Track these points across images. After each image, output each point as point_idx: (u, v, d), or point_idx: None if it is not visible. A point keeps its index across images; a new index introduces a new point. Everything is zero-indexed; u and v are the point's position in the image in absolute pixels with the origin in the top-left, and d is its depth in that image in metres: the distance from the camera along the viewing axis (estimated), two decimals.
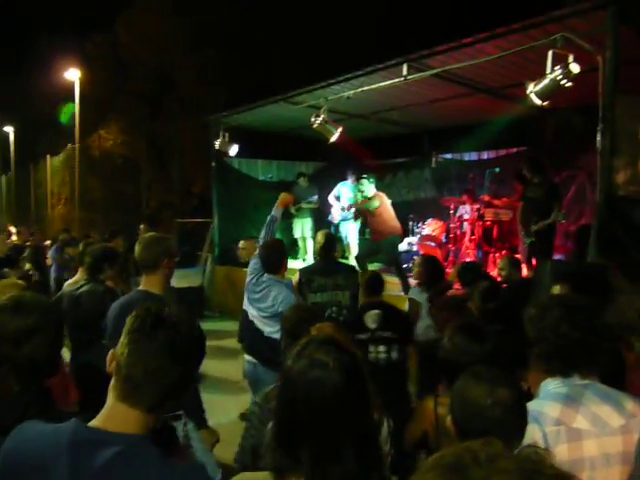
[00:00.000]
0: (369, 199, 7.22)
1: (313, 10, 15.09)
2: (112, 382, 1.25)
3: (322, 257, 4.62)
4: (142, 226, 8.87)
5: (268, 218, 4.10)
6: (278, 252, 3.88)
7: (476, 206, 7.70)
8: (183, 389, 1.28)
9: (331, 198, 8.89)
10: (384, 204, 7.17)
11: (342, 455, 1.27)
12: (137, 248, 2.80)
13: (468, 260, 7.13)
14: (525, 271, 6.04)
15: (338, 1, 15.24)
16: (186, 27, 17.46)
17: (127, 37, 18.85)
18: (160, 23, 17.80)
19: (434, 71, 5.82)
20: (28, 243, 8.83)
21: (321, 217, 10.00)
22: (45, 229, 19.17)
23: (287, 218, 9.87)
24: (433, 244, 8.16)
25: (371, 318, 3.69)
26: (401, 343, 3.72)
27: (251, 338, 3.88)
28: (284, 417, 1.36)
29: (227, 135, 8.92)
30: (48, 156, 23.62)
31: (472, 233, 7.64)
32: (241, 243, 6.01)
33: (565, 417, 1.69)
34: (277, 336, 3.30)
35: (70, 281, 4.35)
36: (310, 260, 9.30)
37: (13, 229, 19.14)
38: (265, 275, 3.79)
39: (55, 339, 1.58)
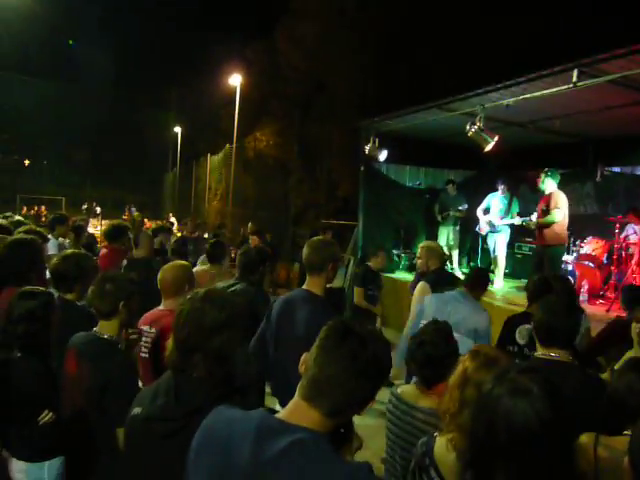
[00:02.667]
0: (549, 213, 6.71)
1: (472, 11, 14.56)
2: (301, 382, 1.34)
3: (439, 267, 4.60)
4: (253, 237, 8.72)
5: None
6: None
7: None
8: (363, 401, 1.32)
9: (479, 212, 8.55)
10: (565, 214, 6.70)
11: None
12: (305, 251, 2.92)
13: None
14: None
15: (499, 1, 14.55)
16: (341, 32, 17.91)
17: (284, 43, 19.84)
18: (314, 28, 18.46)
19: (611, 77, 5.32)
20: (195, 235, 9.53)
21: (467, 226, 9.70)
22: (204, 221, 20.85)
23: (432, 226, 9.74)
24: (592, 264, 7.50)
25: (521, 333, 3.43)
26: None
27: None
28: (480, 440, 1.36)
29: (377, 140, 9.00)
30: (208, 154, 25.75)
31: None
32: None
33: None
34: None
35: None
36: (455, 268, 9.16)
37: (174, 219, 21.15)
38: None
39: (243, 335, 1.70)
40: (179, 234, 12.05)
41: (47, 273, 3.58)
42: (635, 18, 10.33)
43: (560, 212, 6.64)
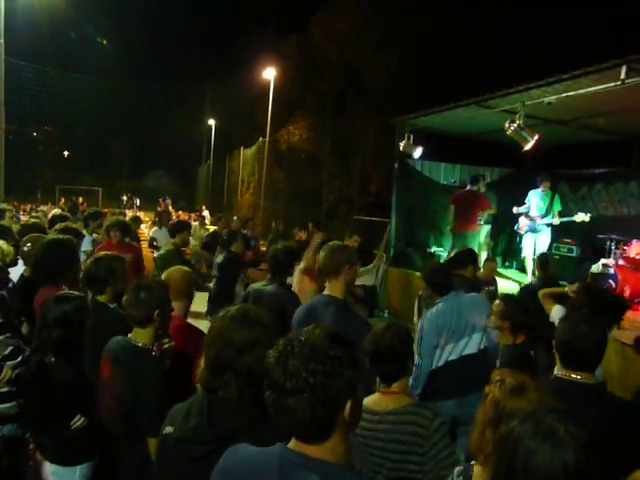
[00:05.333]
0: None
1: (513, 5, 14.17)
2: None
3: None
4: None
5: None
6: None
7: None
8: (341, 399, 1.22)
9: (521, 210, 8.29)
10: None
11: None
12: (321, 255, 2.96)
13: None
14: None
15: None
16: (375, 26, 17.72)
17: (319, 37, 19.74)
18: (350, 22, 18.31)
19: None
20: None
21: (502, 226, 9.47)
22: (235, 214, 21.00)
23: None
24: (636, 268, 7.21)
25: None
26: None
27: None
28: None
29: (412, 137, 8.86)
30: (242, 147, 25.90)
31: None
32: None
33: None
34: None
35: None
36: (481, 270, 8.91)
37: (206, 212, 21.31)
38: None
39: None
40: (211, 228, 12.10)
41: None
42: None
43: None
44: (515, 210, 8.32)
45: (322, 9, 19.63)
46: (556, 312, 3.76)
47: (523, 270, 8.85)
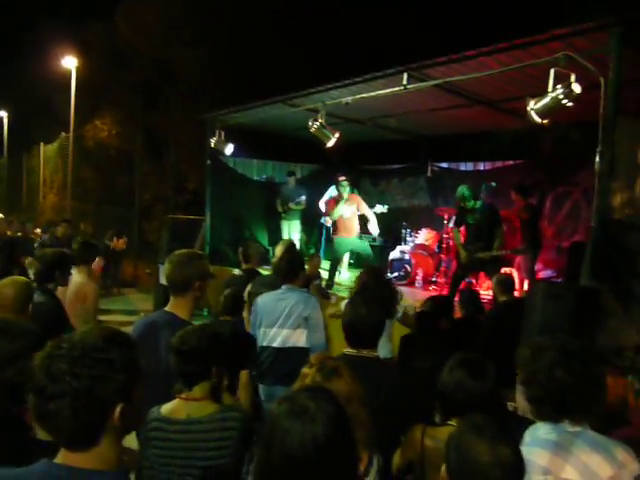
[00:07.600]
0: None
1: (316, 13, 14.98)
2: None
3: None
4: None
5: None
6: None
7: None
8: (106, 407, 1.18)
9: (321, 204, 8.79)
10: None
11: None
12: (167, 267, 2.61)
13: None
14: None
15: (342, 6, 15.16)
16: (186, 20, 17.27)
17: (125, 27, 18.61)
18: (158, 14, 17.57)
19: (435, 82, 5.78)
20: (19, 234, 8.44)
21: (310, 219, 9.93)
22: (37, 218, 18.98)
23: (275, 219, 9.82)
24: (425, 253, 8.12)
25: None
26: None
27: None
28: (261, 465, 1.28)
29: (223, 134, 8.83)
30: (42, 143, 23.42)
31: None
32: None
33: (553, 466, 1.64)
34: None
35: None
36: None
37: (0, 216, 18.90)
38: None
39: None
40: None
41: None
42: (456, 30, 11.34)
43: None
44: (321, 206, 8.78)
45: None
46: None
47: None
